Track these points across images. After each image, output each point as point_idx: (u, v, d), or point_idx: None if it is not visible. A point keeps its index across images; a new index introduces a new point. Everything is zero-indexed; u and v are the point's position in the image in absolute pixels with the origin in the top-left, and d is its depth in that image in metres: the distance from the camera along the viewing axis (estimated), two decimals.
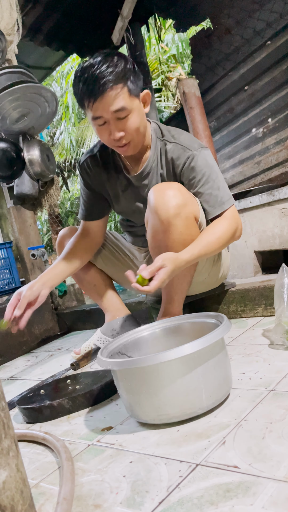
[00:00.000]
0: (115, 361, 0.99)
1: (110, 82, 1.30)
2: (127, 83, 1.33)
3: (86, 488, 0.83)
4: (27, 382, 1.74)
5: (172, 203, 1.34)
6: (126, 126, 1.36)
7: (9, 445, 0.62)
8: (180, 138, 1.47)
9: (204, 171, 1.42)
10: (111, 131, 1.37)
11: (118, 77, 1.31)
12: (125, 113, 1.34)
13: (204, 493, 0.71)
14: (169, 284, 1.47)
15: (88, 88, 1.31)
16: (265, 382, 1.06)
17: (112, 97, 1.31)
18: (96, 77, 1.29)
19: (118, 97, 1.32)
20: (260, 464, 0.74)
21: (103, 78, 1.29)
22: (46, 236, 12.24)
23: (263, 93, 3.42)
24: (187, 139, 1.47)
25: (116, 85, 1.31)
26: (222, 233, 1.38)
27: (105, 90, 1.30)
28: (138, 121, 1.38)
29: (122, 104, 1.33)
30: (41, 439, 1.08)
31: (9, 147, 2.53)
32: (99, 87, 1.30)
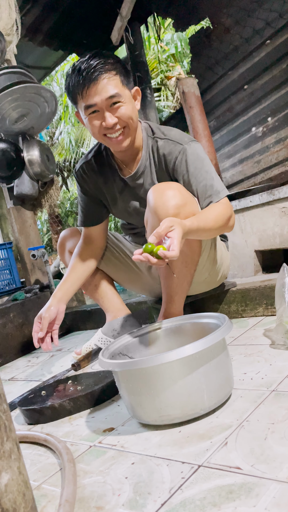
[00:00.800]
0: (117, 362, 0.99)
1: (102, 69, 1.35)
2: (119, 74, 1.38)
3: (88, 490, 0.83)
4: (28, 383, 1.74)
5: (171, 203, 1.34)
6: (119, 113, 1.39)
7: (11, 448, 0.62)
8: (170, 134, 1.49)
9: (196, 164, 1.43)
10: (104, 118, 1.39)
11: (111, 67, 1.36)
12: (118, 99, 1.37)
13: (206, 495, 0.71)
14: (168, 284, 1.46)
15: (82, 76, 1.35)
16: (267, 383, 1.06)
17: (105, 83, 1.35)
18: (89, 66, 1.34)
19: (111, 83, 1.36)
20: (263, 465, 0.74)
21: (95, 67, 1.34)
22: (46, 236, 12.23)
23: (262, 92, 3.42)
24: (177, 134, 1.49)
25: (109, 72, 1.35)
26: (219, 213, 1.38)
27: (98, 76, 1.34)
28: (130, 109, 1.41)
29: (115, 90, 1.36)
30: (42, 441, 1.08)
31: (8, 148, 2.52)
32: (92, 74, 1.34)
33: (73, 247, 1.83)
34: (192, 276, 1.50)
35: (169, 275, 1.45)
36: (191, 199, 1.40)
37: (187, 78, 3.39)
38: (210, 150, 3.26)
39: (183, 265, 1.43)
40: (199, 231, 1.30)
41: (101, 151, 1.61)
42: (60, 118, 11.62)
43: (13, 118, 2.50)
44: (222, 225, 1.38)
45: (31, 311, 2.49)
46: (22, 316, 2.44)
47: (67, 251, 1.83)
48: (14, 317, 2.41)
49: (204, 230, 1.33)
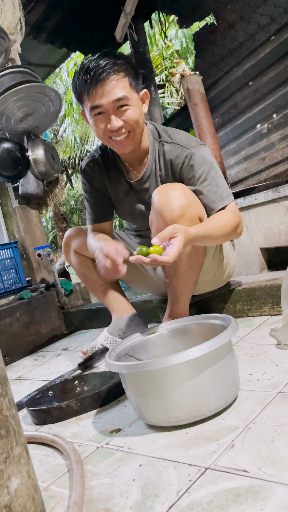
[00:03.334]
0: (123, 364, 1.00)
1: (111, 70, 1.32)
2: (128, 76, 1.35)
3: (96, 491, 0.83)
4: (35, 382, 1.75)
5: (176, 204, 1.34)
6: (125, 116, 1.37)
7: (20, 453, 0.63)
8: (177, 138, 1.47)
9: (203, 168, 1.42)
10: (109, 120, 1.37)
11: (120, 68, 1.33)
12: (125, 102, 1.35)
13: (214, 498, 0.71)
14: (174, 284, 1.46)
15: (89, 75, 1.33)
16: (273, 384, 1.06)
17: (113, 84, 1.33)
18: (97, 66, 1.32)
19: (119, 86, 1.33)
20: (270, 468, 0.74)
21: (104, 67, 1.32)
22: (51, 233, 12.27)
23: (267, 89, 3.40)
24: (184, 138, 1.47)
25: (117, 74, 1.33)
26: (226, 221, 1.37)
27: (106, 77, 1.32)
28: (137, 114, 1.38)
29: (123, 93, 1.34)
30: (50, 442, 1.09)
31: (13, 147, 2.53)
32: (100, 74, 1.32)
33: (78, 246, 1.83)
34: (198, 276, 1.50)
35: (174, 275, 1.45)
36: (195, 200, 1.40)
37: (192, 75, 3.37)
38: (214, 147, 3.24)
39: (188, 266, 1.43)
40: (205, 239, 1.30)
41: (107, 151, 1.61)
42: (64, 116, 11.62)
43: (18, 117, 2.51)
44: (230, 232, 1.38)
45: (37, 310, 2.50)
46: (28, 315, 2.45)
47: (72, 250, 1.83)
48: (21, 316, 2.42)
49: (211, 238, 1.32)
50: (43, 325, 2.51)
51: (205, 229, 1.28)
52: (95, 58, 1.35)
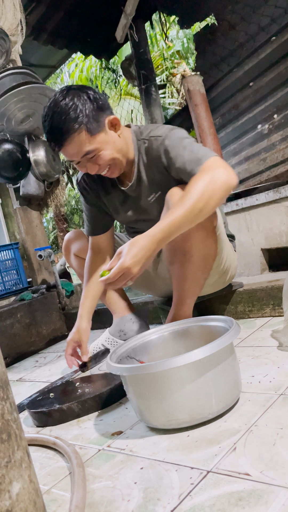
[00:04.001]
0: (125, 366, 0.99)
1: (68, 132, 1.32)
2: (86, 126, 1.33)
3: (97, 495, 0.83)
4: (36, 383, 1.75)
5: None
6: (98, 161, 1.40)
7: (22, 457, 0.63)
8: (154, 131, 1.47)
9: (176, 146, 1.38)
10: (86, 167, 1.42)
11: (75, 124, 1.31)
12: (93, 154, 1.37)
13: (216, 502, 0.71)
14: (181, 286, 1.45)
15: (51, 136, 1.35)
16: (275, 386, 1.06)
17: (74, 146, 1.34)
18: (55, 126, 1.32)
19: (80, 144, 1.34)
20: (272, 471, 0.74)
21: (61, 128, 1.31)
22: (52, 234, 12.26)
23: (268, 89, 3.39)
24: (159, 129, 1.46)
25: (74, 133, 1.32)
26: (202, 185, 1.23)
27: (65, 141, 1.33)
28: (109, 153, 1.40)
29: (86, 149, 1.35)
30: (51, 444, 1.09)
31: (14, 148, 2.53)
32: (60, 138, 1.33)
33: (78, 249, 1.84)
34: (205, 280, 1.50)
35: (183, 278, 1.44)
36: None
37: (192, 76, 3.37)
38: (215, 148, 3.25)
39: (199, 269, 1.43)
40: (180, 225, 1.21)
41: None
42: None
43: (19, 118, 2.51)
44: (215, 191, 1.23)
45: (38, 311, 2.50)
46: (29, 316, 2.45)
47: (72, 253, 1.83)
48: (22, 317, 2.42)
49: (187, 216, 1.21)
50: (44, 326, 2.51)
51: (171, 219, 1.20)
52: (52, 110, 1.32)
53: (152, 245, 1.19)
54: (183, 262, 1.40)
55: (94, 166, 1.41)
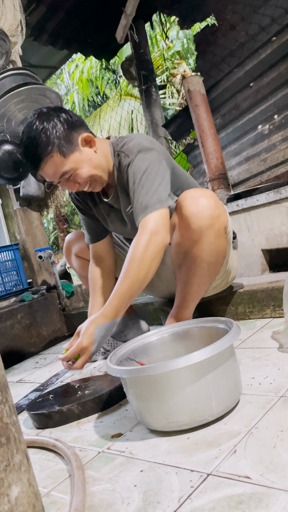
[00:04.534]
0: (124, 368, 0.99)
1: (41, 158, 1.36)
2: (58, 148, 1.36)
3: (97, 497, 0.83)
4: (36, 385, 1.75)
5: (207, 213, 1.34)
6: (77, 179, 1.42)
7: (21, 460, 0.63)
8: (127, 145, 1.44)
9: (136, 177, 1.36)
10: (68, 187, 1.44)
11: (47, 148, 1.35)
12: (69, 174, 1.39)
13: (216, 505, 0.71)
14: (187, 290, 1.45)
15: (28, 162, 1.40)
16: (275, 388, 1.06)
17: (50, 168, 1.38)
18: (29, 152, 1.37)
19: (55, 167, 1.37)
20: (272, 474, 0.74)
21: (33, 154, 1.36)
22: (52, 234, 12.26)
23: (268, 90, 3.38)
24: (131, 145, 1.43)
25: (46, 156, 1.35)
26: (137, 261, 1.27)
27: (39, 165, 1.37)
28: (86, 170, 1.41)
29: (61, 170, 1.38)
30: (51, 446, 1.08)
31: (14, 149, 2.53)
32: (34, 163, 1.38)
33: (79, 250, 1.84)
34: (211, 284, 1.50)
35: (190, 282, 1.44)
36: (222, 208, 1.41)
37: (193, 76, 3.36)
38: (216, 148, 3.24)
39: (206, 274, 1.43)
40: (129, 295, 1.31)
41: None
42: None
43: (19, 119, 2.50)
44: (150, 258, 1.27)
45: (38, 312, 2.50)
46: (29, 317, 2.45)
47: (73, 254, 1.84)
48: (22, 318, 2.42)
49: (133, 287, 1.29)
50: (44, 327, 2.51)
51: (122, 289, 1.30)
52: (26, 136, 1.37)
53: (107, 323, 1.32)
54: (191, 266, 1.40)
55: (74, 184, 1.44)
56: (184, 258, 1.41)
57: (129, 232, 1.62)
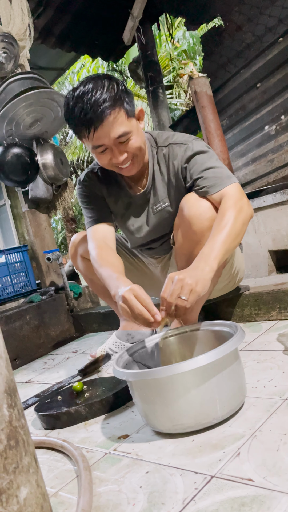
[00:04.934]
0: (130, 372, 1.01)
1: (107, 109, 1.28)
2: (123, 106, 1.31)
3: (103, 498, 0.85)
4: (44, 386, 1.77)
5: (208, 214, 1.35)
6: (128, 148, 1.36)
7: (29, 462, 0.65)
8: (173, 139, 1.47)
9: (200, 158, 1.39)
10: (113, 155, 1.37)
11: (114, 101, 1.29)
12: (127, 136, 1.34)
13: (219, 507, 0.72)
14: None
15: (86, 117, 1.29)
16: (280, 391, 1.07)
17: (112, 123, 1.30)
18: (92, 104, 1.27)
19: (118, 123, 1.30)
20: (275, 477, 0.75)
21: (99, 106, 1.27)
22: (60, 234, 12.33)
23: (275, 90, 3.39)
24: (179, 137, 1.47)
25: (114, 110, 1.29)
26: (231, 222, 1.25)
27: (104, 117, 1.28)
28: (139, 140, 1.38)
29: (123, 129, 1.32)
30: (59, 447, 1.11)
31: (23, 152, 2.56)
32: (98, 116, 1.28)
33: (85, 251, 1.84)
34: (214, 285, 1.51)
35: None
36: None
37: (199, 78, 3.37)
38: (222, 149, 3.24)
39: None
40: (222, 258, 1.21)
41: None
42: None
43: (27, 123, 2.54)
44: (240, 228, 1.27)
45: (47, 313, 2.53)
46: (38, 318, 2.48)
47: (79, 256, 1.83)
48: (30, 319, 2.45)
49: (227, 250, 1.23)
50: (53, 328, 2.54)
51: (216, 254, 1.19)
52: (86, 92, 1.29)
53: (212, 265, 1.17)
54: None
55: (122, 153, 1.36)
56: (187, 260, 1.42)
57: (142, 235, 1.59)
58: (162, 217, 1.54)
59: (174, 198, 1.50)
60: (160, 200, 1.52)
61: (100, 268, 1.43)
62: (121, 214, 1.62)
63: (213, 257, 1.19)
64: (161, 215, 1.54)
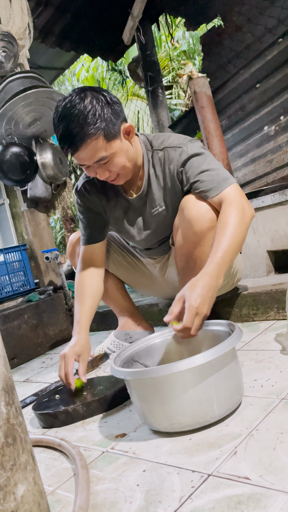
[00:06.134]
0: (128, 371, 1.01)
1: (86, 137, 1.27)
2: (103, 130, 1.29)
3: (101, 496, 0.85)
4: (42, 385, 1.77)
5: (208, 215, 1.36)
6: (110, 167, 1.36)
7: (27, 460, 0.65)
8: (168, 141, 1.46)
9: (196, 161, 1.39)
10: (97, 173, 1.38)
11: (94, 129, 1.27)
12: (106, 159, 1.33)
13: (215, 505, 0.72)
14: None
15: (66, 140, 1.30)
16: (277, 390, 1.07)
17: (89, 151, 1.30)
18: (72, 128, 1.27)
19: (96, 149, 1.30)
20: (271, 476, 0.76)
21: (77, 133, 1.27)
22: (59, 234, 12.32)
23: (274, 91, 3.39)
24: (175, 139, 1.46)
25: (91, 138, 1.28)
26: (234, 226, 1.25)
27: (82, 145, 1.28)
28: (121, 160, 1.37)
29: (101, 155, 1.31)
30: (57, 446, 1.11)
31: (22, 151, 2.56)
32: (76, 142, 1.28)
33: None
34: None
35: None
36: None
37: (199, 78, 3.38)
38: (222, 149, 3.25)
39: None
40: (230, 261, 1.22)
41: None
42: None
43: (27, 122, 2.54)
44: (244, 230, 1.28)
45: (45, 313, 2.53)
46: (36, 317, 2.48)
47: (77, 254, 1.84)
48: (29, 319, 2.45)
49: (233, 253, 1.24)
50: (51, 327, 2.54)
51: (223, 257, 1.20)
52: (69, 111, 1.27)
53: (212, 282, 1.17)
54: (193, 268, 1.41)
55: (105, 172, 1.37)
56: (187, 261, 1.43)
57: (143, 238, 1.59)
58: (160, 220, 1.54)
59: (170, 202, 1.49)
60: (156, 204, 1.51)
61: (76, 299, 1.59)
62: (120, 218, 1.61)
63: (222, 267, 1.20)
64: (158, 218, 1.54)
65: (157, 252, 1.70)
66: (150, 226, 1.56)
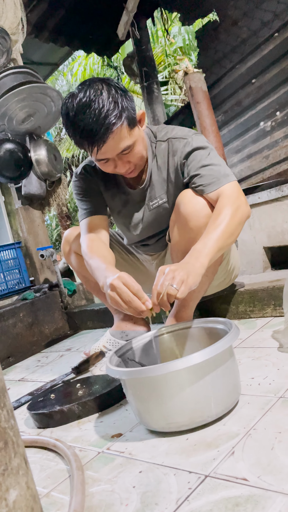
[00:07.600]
0: (124, 370, 1.00)
1: (111, 126, 1.22)
2: (126, 118, 1.25)
3: (96, 498, 0.84)
4: (38, 383, 1.76)
5: (204, 212, 1.34)
6: (131, 157, 1.34)
7: (19, 464, 0.63)
8: (172, 133, 1.45)
9: (199, 154, 1.37)
10: (116, 166, 1.35)
11: (117, 116, 1.23)
12: (130, 148, 1.31)
13: (213, 507, 0.71)
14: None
15: (89, 134, 1.24)
16: (274, 389, 1.06)
17: (116, 140, 1.26)
18: (94, 121, 1.21)
19: (122, 138, 1.26)
20: (269, 477, 0.74)
21: (102, 123, 1.21)
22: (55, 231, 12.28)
23: (271, 86, 3.37)
24: (179, 131, 1.44)
25: (117, 126, 1.23)
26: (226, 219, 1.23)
27: (108, 136, 1.23)
28: (141, 148, 1.36)
29: (126, 143, 1.29)
30: (52, 446, 1.09)
31: (16, 148, 2.53)
32: (101, 134, 1.23)
33: (78, 247, 1.82)
34: (210, 282, 1.50)
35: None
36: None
37: (194, 73, 3.35)
38: (217, 145, 3.23)
39: (205, 274, 1.42)
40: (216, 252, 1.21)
41: None
42: None
43: (20, 118, 2.51)
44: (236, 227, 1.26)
45: (41, 311, 2.51)
46: (31, 315, 2.46)
47: (73, 252, 1.81)
48: (24, 317, 2.43)
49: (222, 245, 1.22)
50: (46, 325, 2.52)
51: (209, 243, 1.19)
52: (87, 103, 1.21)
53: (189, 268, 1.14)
54: None
55: (125, 164, 1.34)
56: (183, 257, 1.41)
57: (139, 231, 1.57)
58: (159, 213, 1.52)
59: (172, 194, 1.48)
60: (157, 196, 1.50)
61: (90, 260, 1.40)
62: (117, 210, 1.59)
63: (205, 253, 1.19)
64: (158, 211, 1.52)
65: (154, 249, 1.68)
66: (148, 220, 1.55)
